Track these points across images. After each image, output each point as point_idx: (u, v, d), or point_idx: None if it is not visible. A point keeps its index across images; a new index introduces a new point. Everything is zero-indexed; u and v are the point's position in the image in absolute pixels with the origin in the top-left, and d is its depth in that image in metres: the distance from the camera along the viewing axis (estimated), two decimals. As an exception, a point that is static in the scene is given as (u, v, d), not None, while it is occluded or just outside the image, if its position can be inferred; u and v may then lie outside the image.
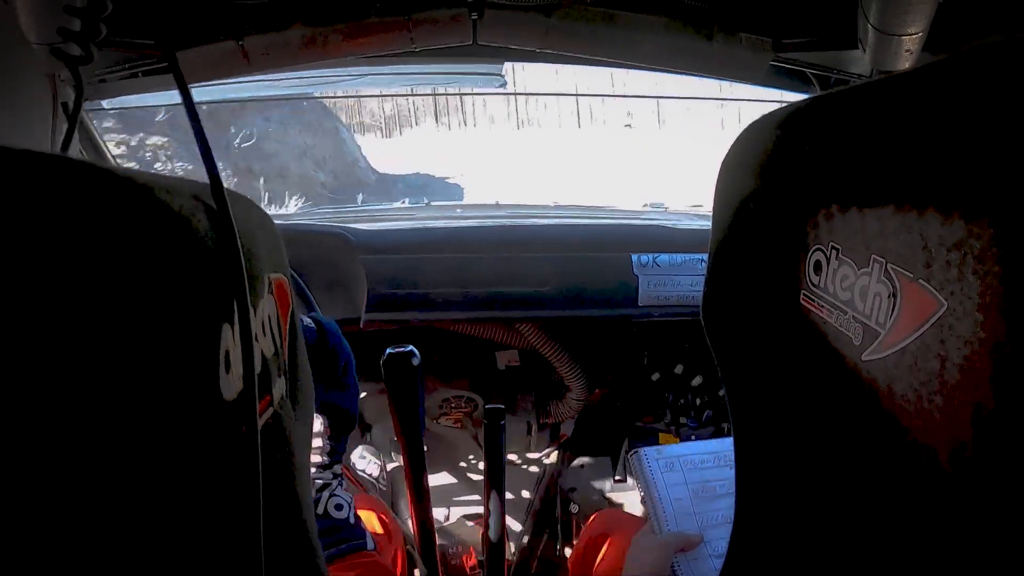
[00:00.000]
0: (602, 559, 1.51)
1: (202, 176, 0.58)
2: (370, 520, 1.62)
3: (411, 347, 1.53)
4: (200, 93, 2.03)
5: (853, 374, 0.57)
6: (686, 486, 1.34)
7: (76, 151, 1.27)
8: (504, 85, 2.29)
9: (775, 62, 1.53)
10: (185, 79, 0.66)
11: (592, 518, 1.68)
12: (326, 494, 1.23)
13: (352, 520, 1.23)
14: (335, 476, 1.27)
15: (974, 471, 0.48)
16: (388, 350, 1.52)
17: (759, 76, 1.57)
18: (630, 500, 2.41)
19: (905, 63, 1.21)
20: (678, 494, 1.33)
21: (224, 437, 0.50)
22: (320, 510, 1.21)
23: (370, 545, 1.24)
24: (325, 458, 1.28)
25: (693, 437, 2.41)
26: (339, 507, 1.23)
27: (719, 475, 1.35)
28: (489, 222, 2.37)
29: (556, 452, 2.56)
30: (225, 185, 0.56)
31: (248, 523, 0.53)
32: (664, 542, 1.29)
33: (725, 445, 1.39)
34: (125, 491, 0.39)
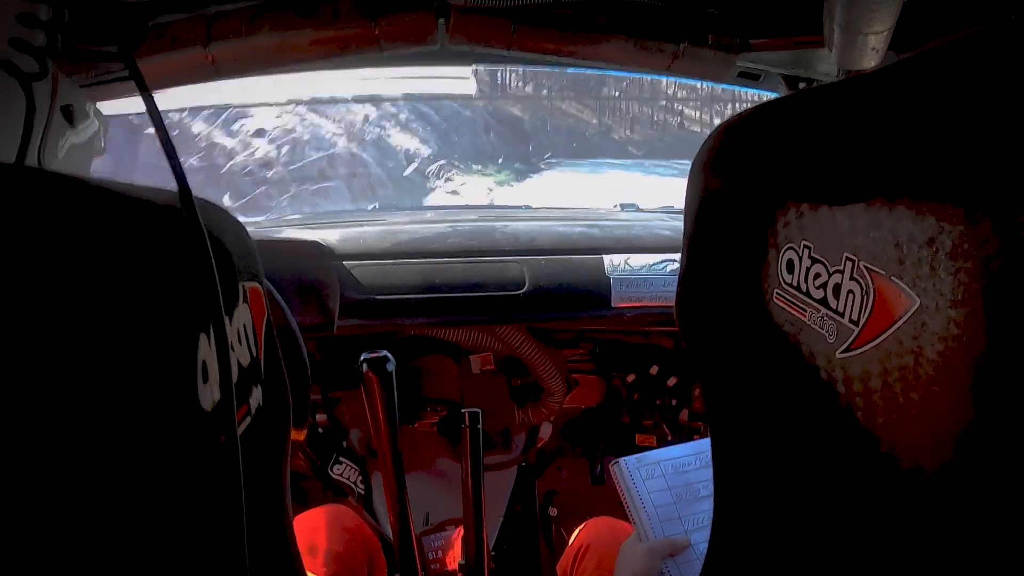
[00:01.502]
0: (590, 569, 1.51)
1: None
2: (333, 528, 1.62)
3: (385, 352, 1.53)
4: (166, 101, 2.01)
5: (828, 372, 0.58)
6: (669, 491, 1.34)
7: (66, 160, 1.24)
8: (474, 88, 2.29)
9: (742, 63, 1.54)
10: (152, 86, 0.65)
11: (581, 527, 1.68)
12: None
13: None
14: None
15: (951, 464, 0.48)
16: (363, 356, 1.52)
17: (726, 77, 1.58)
18: (609, 502, 2.41)
19: (871, 62, 1.22)
20: (662, 499, 1.33)
21: (203, 446, 0.50)
22: None
23: None
24: None
25: (670, 438, 2.42)
26: None
27: (701, 476, 1.35)
28: (461, 225, 2.37)
29: (534, 455, 2.56)
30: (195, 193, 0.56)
31: (230, 529, 0.52)
32: (651, 549, 1.29)
33: (705, 445, 1.39)
34: (106, 500, 0.39)
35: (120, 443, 0.40)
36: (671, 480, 1.35)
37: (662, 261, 2.15)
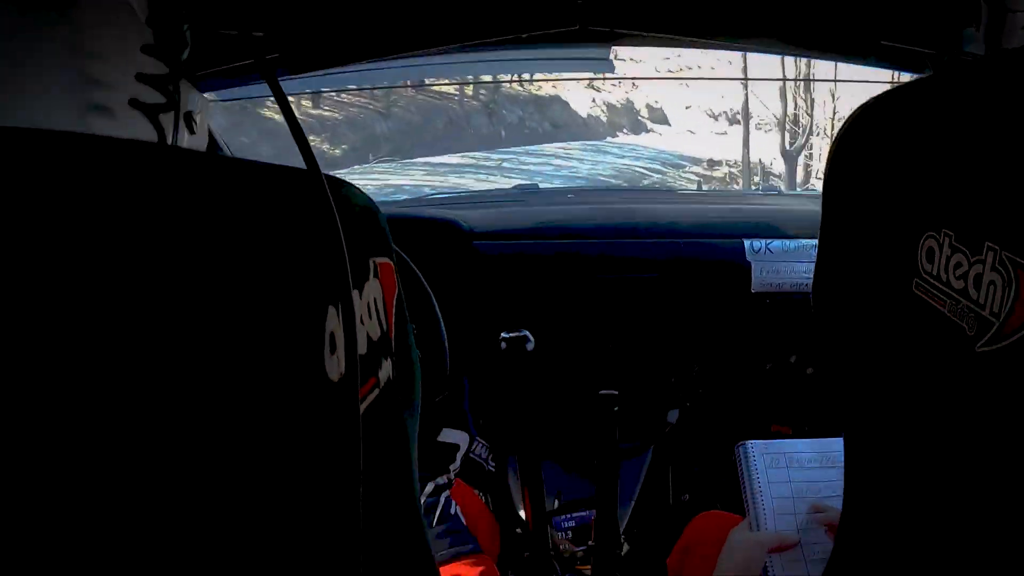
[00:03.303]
0: (698, 559, 1.49)
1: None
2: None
3: (525, 332, 1.54)
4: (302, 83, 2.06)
5: (966, 366, 0.55)
6: (789, 484, 1.31)
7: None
8: (613, 70, 2.27)
9: (886, 42, 1.48)
10: (289, 70, 0.66)
11: (693, 520, 1.66)
12: (453, 503, 1.22)
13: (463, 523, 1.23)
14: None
15: None
16: (503, 334, 1.54)
17: (870, 56, 1.52)
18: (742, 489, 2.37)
19: (1021, 40, 1.15)
20: (780, 492, 1.30)
21: (329, 415, 0.52)
22: (452, 511, 1.21)
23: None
24: (453, 476, 1.26)
25: (807, 428, 2.36)
26: (462, 514, 1.22)
27: (824, 476, 1.31)
28: (602, 207, 2.36)
29: (665, 440, 2.54)
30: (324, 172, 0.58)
31: (349, 500, 0.54)
32: (759, 540, 1.26)
33: (831, 445, 1.35)
34: (235, 463, 0.41)
35: (248, 406, 0.42)
36: (793, 474, 1.31)
37: (803, 246, 2.09)
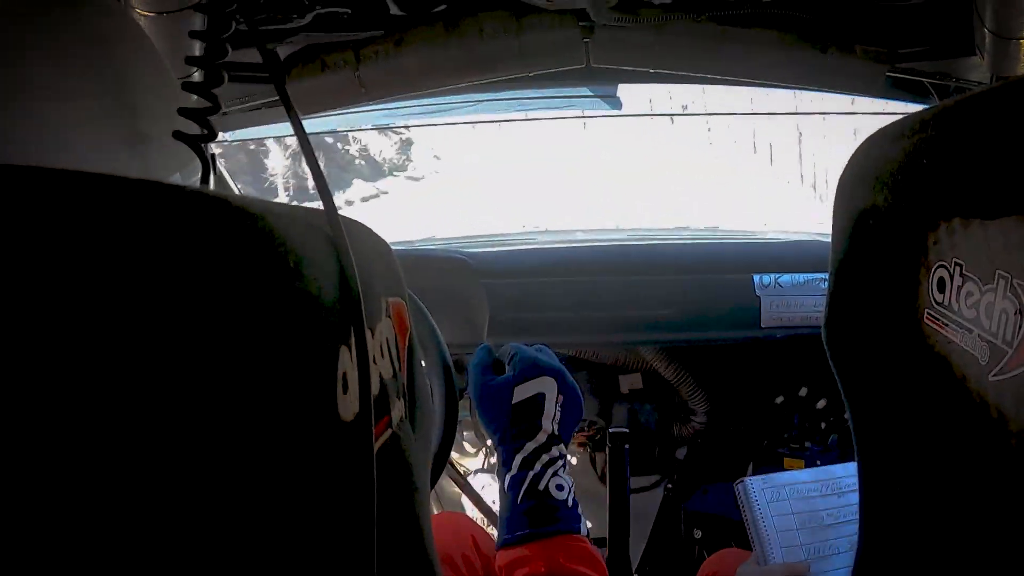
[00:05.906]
0: None
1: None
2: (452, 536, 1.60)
3: None
4: (315, 124, 2.07)
5: (980, 396, 0.55)
6: (793, 516, 1.31)
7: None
8: (620, 107, 2.29)
9: (891, 73, 1.48)
10: (301, 111, 0.67)
11: (707, 560, 1.65)
12: (550, 471, 1.19)
13: (570, 504, 1.19)
14: (561, 456, 1.22)
15: None
16: None
17: (875, 88, 1.53)
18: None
19: None
20: (784, 524, 1.30)
21: (342, 457, 0.52)
22: (541, 486, 1.17)
23: (583, 530, 1.20)
24: (555, 428, 1.23)
25: (818, 462, 2.34)
26: (560, 488, 1.18)
27: (827, 504, 1.31)
28: (610, 245, 2.36)
29: (676, 476, 2.52)
30: (340, 212, 0.58)
31: (362, 542, 0.54)
32: (767, 572, 1.25)
33: (834, 472, 1.35)
34: (246, 508, 0.41)
35: (260, 451, 0.42)
36: (796, 506, 1.31)
37: (812, 279, 2.09)
